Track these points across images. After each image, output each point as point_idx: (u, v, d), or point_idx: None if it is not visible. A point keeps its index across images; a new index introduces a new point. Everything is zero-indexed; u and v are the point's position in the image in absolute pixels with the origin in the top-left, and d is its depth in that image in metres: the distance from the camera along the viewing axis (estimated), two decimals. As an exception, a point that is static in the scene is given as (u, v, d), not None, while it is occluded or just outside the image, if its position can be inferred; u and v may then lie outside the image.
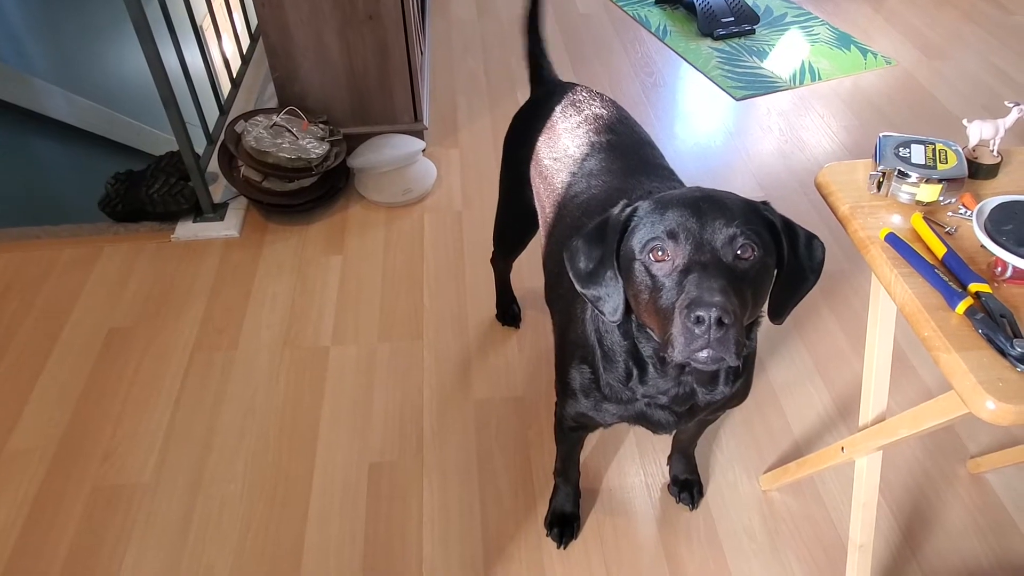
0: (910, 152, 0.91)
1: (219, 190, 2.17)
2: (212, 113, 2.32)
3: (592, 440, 1.57)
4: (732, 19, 2.99)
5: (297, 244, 2.05)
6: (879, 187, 0.91)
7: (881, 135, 0.94)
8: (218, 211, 2.11)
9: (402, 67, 2.17)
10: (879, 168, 0.90)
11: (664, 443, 1.54)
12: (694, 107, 2.59)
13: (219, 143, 2.13)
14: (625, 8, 3.17)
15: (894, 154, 0.91)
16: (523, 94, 2.63)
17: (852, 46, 2.87)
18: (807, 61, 2.78)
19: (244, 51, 2.57)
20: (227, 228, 2.07)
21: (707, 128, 2.48)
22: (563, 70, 2.76)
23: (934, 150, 0.91)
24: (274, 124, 2.07)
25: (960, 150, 0.93)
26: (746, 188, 2.22)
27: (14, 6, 3.09)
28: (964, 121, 0.97)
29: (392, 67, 2.16)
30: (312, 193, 2.09)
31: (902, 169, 0.89)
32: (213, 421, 1.63)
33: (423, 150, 2.26)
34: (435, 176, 2.22)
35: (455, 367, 1.73)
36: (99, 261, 2.02)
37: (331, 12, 2.04)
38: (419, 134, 2.30)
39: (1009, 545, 1.38)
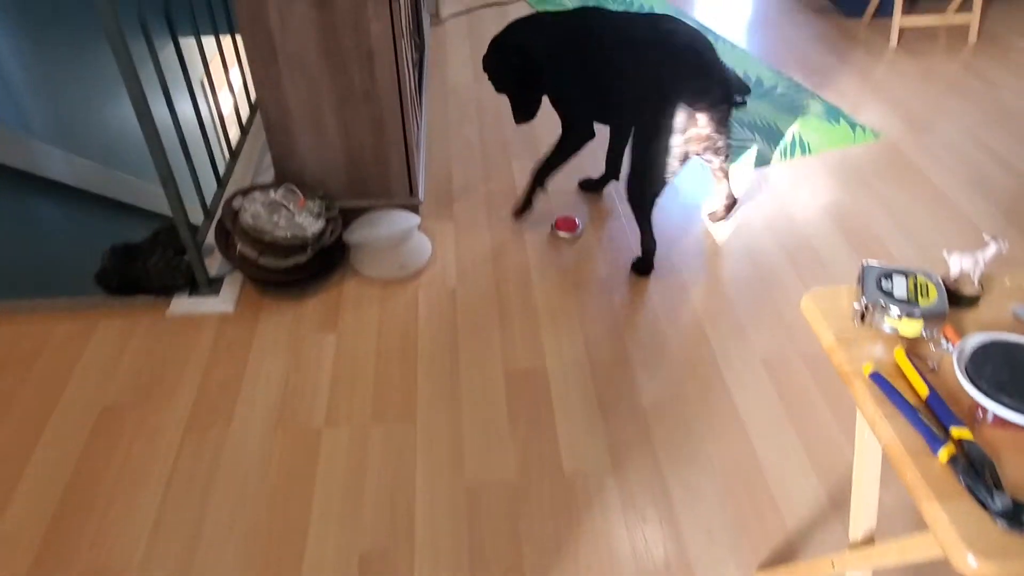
0: (892, 284, 0.93)
1: (215, 263, 2.19)
2: (210, 185, 2.35)
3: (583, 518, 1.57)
4: (723, 90, 3.05)
5: (292, 320, 2.07)
6: (862, 319, 0.93)
7: (864, 263, 0.97)
8: (213, 285, 2.13)
9: (398, 143, 2.21)
10: (862, 301, 0.92)
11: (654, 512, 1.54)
12: (684, 177, 2.63)
13: (216, 219, 2.15)
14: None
15: (876, 286, 0.93)
16: (518, 164, 2.68)
17: (841, 119, 2.93)
18: (797, 134, 2.84)
19: (243, 122, 2.61)
20: (222, 303, 2.09)
21: (696, 199, 2.52)
22: (557, 136, 2.79)
23: (915, 283, 0.94)
24: (271, 201, 2.10)
25: (941, 282, 0.96)
26: (734, 260, 2.25)
27: (16, 65, 3.14)
28: (944, 253, 1.00)
29: (388, 143, 2.20)
30: (308, 269, 2.11)
31: (884, 303, 0.91)
32: (203, 507, 1.62)
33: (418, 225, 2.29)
34: (430, 252, 2.25)
35: (448, 450, 1.73)
36: (94, 337, 2.03)
37: (329, 91, 2.09)
38: (414, 208, 2.33)
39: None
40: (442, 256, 2.28)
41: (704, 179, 2.62)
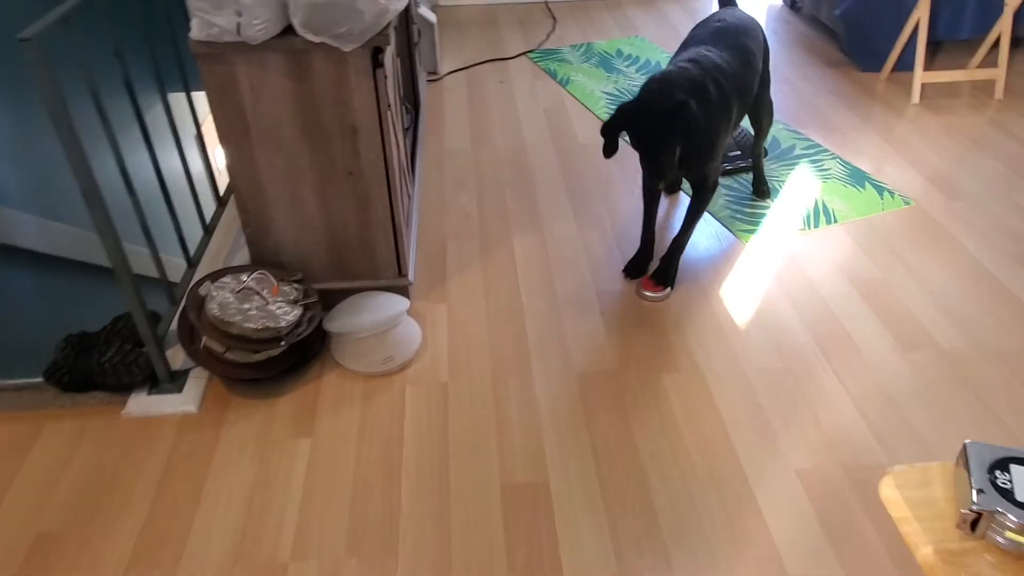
0: (1011, 480, 0.70)
1: (179, 355, 1.97)
2: (178, 267, 2.15)
3: None
4: (738, 152, 2.86)
5: (262, 422, 1.83)
6: (973, 528, 0.70)
7: (967, 443, 0.73)
8: (176, 381, 1.90)
9: (384, 221, 2.00)
10: (973, 506, 0.69)
11: None
12: (699, 248, 2.41)
13: (182, 306, 1.94)
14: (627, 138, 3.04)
15: (989, 480, 0.69)
16: (519, 237, 2.47)
17: (867, 183, 2.72)
18: (820, 201, 2.63)
19: (221, 194, 2.41)
20: (184, 402, 1.86)
21: (711, 272, 2.29)
22: (562, 209, 2.58)
23: (1041, 474, 0.70)
24: (243, 288, 1.88)
25: (1073, 471, 0.72)
26: (758, 349, 2.01)
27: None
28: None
29: (374, 222, 1.99)
30: (282, 363, 1.89)
31: (1003, 510, 0.67)
32: (143, 666, 1.37)
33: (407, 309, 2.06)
34: (419, 340, 2.02)
35: (433, 592, 1.47)
36: (37, 443, 1.79)
37: (308, 168, 1.88)
38: (403, 290, 2.11)
39: None
40: (433, 344, 2.05)
41: (719, 256, 2.40)
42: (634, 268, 2.27)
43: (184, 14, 1.68)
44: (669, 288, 2.19)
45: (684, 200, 2.67)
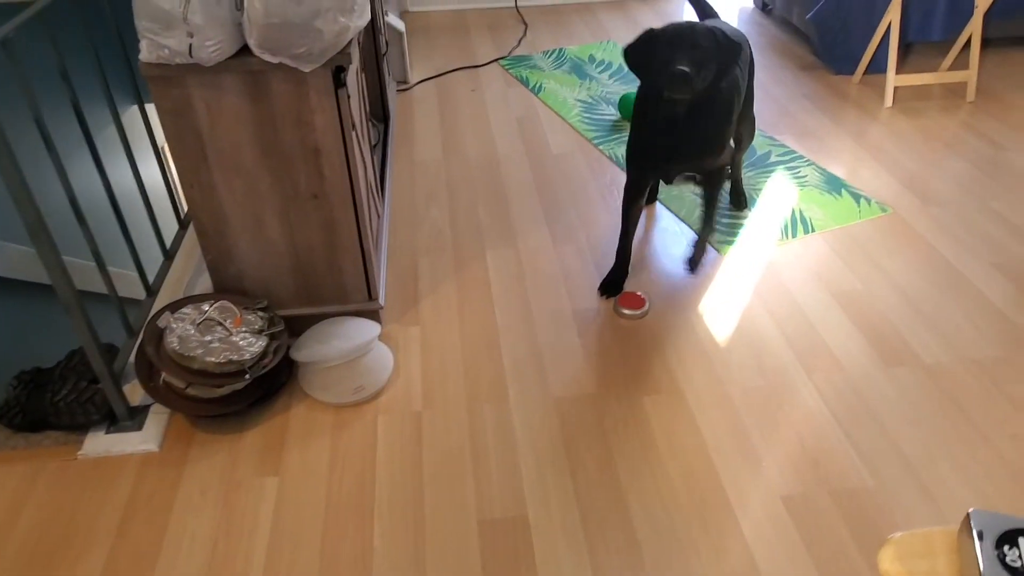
0: (1020, 557, 0.65)
1: (138, 390, 1.88)
2: (137, 284, 2.06)
3: None
4: (714, 161, 2.82)
5: (226, 460, 1.75)
6: (981, 606, 0.65)
7: (972, 511, 0.68)
8: (136, 418, 1.82)
9: (352, 244, 1.93)
10: (982, 587, 0.64)
11: None
12: (677, 261, 2.36)
13: (139, 340, 1.85)
14: (601, 147, 3.00)
15: (998, 557, 0.65)
16: (492, 252, 2.41)
17: (843, 190, 2.70)
18: (798, 209, 2.59)
19: (182, 216, 2.32)
20: (145, 441, 1.77)
21: (690, 287, 2.24)
22: (536, 222, 2.51)
23: (1050, 545, 0.66)
24: (204, 319, 1.80)
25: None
26: (740, 369, 1.97)
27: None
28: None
29: (340, 244, 1.92)
30: (246, 397, 1.81)
31: (1012, 587, 0.62)
32: None
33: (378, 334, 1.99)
34: (392, 367, 1.95)
35: (409, 640, 1.41)
36: (-13, 489, 1.70)
37: (269, 192, 1.81)
38: (374, 315, 2.04)
39: None
40: (406, 371, 1.98)
41: (697, 270, 2.35)
42: (610, 285, 2.21)
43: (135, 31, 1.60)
44: (647, 305, 2.14)
45: (660, 214, 2.63)
